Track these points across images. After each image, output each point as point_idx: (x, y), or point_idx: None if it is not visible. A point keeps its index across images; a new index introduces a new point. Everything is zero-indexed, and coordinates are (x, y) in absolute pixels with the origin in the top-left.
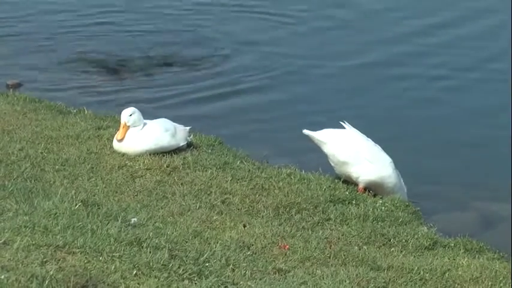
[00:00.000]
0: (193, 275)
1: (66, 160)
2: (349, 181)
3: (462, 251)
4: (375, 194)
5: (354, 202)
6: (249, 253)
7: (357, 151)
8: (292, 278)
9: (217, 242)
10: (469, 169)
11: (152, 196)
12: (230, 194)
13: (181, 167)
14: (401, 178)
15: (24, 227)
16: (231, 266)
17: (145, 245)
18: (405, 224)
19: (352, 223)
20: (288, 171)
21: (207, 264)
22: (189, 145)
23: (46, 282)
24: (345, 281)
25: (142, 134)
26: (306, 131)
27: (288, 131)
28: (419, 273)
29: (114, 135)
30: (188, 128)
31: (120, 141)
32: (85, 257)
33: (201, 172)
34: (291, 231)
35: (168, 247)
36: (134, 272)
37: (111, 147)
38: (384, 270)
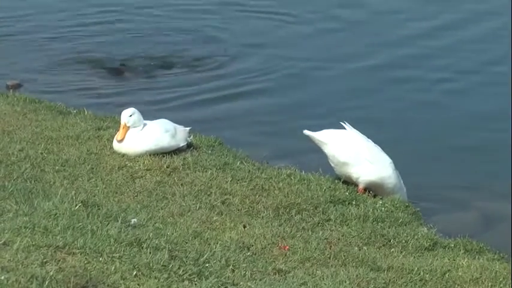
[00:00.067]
0: (193, 276)
1: (66, 161)
2: (349, 182)
3: (462, 252)
4: (375, 195)
5: (354, 203)
6: (249, 254)
7: (357, 152)
8: (292, 279)
9: (217, 243)
10: (470, 170)
11: (152, 197)
12: (230, 195)
13: (181, 168)
14: (401, 179)
15: (24, 228)
16: (231, 267)
17: (145, 246)
18: (405, 225)
19: (352, 224)
20: (288, 171)
21: (207, 264)
22: (189, 146)
23: (46, 283)
24: (345, 282)
25: (142, 135)
26: (307, 132)
27: (289, 132)
28: (419, 273)
29: (114, 135)
30: (188, 129)
31: (120, 141)
32: (85, 258)
33: (201, 173)
34: (291, 231)
35: (168, 248)
36: (134, 273)
37: (111, 147)
38: (384, 270)
